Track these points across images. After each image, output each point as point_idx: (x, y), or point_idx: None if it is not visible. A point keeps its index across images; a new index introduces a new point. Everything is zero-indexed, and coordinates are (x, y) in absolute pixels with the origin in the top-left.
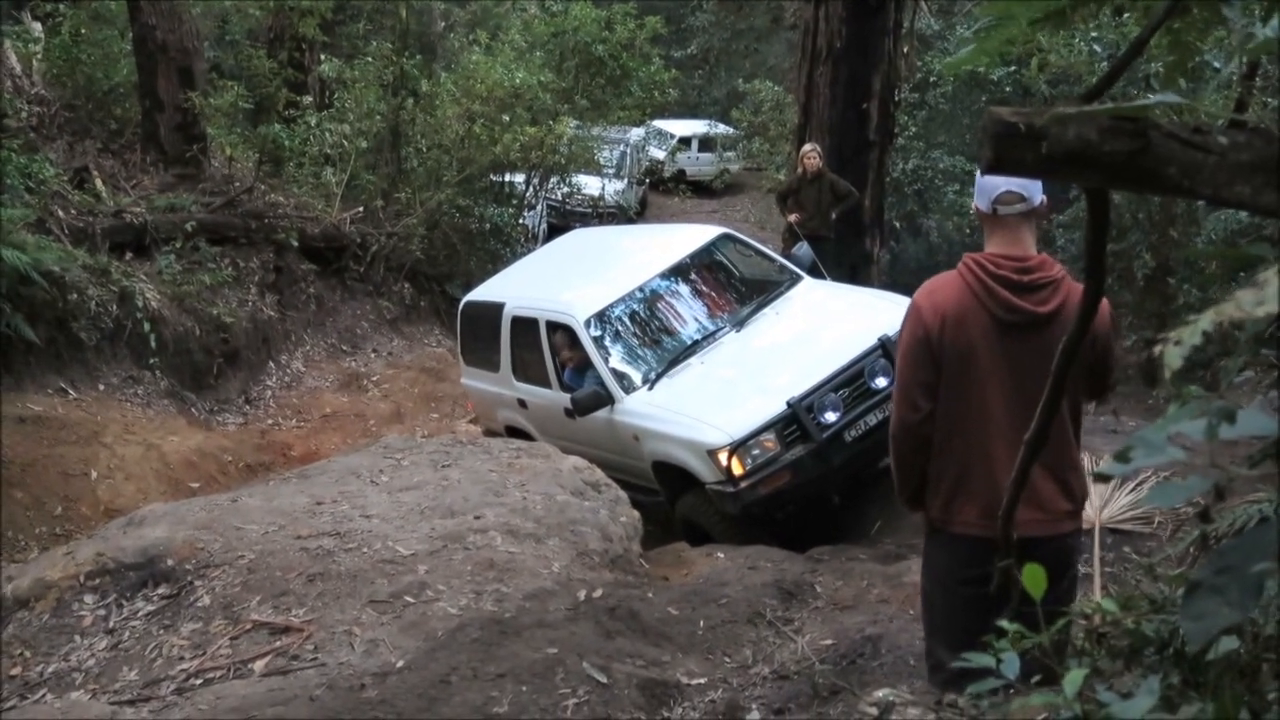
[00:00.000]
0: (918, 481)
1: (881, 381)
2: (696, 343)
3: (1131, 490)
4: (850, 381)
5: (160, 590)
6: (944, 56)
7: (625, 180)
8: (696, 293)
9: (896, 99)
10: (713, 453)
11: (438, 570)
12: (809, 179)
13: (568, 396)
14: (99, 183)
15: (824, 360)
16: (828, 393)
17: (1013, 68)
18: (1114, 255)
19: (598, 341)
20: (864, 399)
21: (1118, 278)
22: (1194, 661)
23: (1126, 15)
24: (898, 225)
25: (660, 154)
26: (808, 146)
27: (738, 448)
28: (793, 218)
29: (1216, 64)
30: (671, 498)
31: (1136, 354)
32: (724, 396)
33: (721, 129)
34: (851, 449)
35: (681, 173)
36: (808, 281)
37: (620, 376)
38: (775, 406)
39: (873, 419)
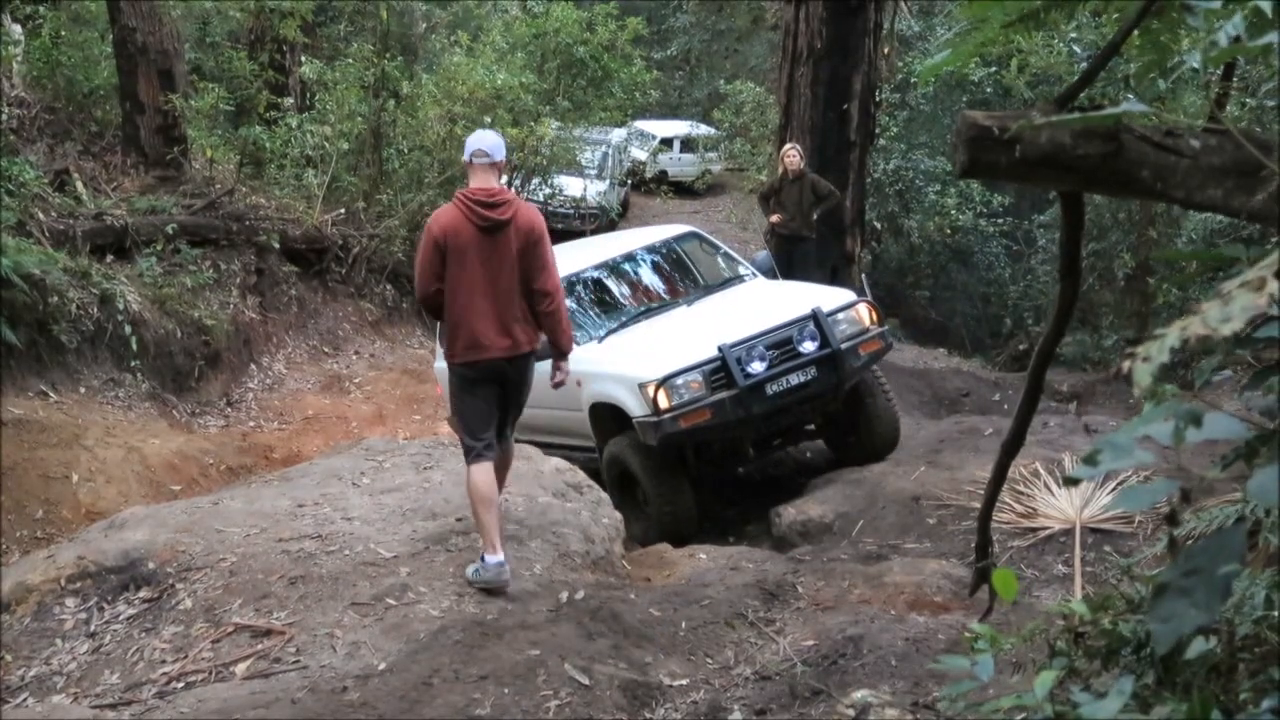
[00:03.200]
0: (431, 306)
1: (809, 346)
2: (649, 310)
3: (1112, 490)
4: (781, 344)
5: (141, 593)
6: (924, 57)
7: (607, 181)
8: (656, 275)
9: (877, 100)
10: (643, 386)
11: (419, 572)
12: (790, 179)
13: None
14: (79, 185)
15: (759, 321)
16: (757, 346)
17: (993, 69)
18: (1094, 255)
19: None
20: (791, 360)
21: (1098, 277)
22: (1169, 662)
23: (1103, 16)
24: (879, 226)
25: (642, 155)
26: (788, 146)
27: (665, 382)
28: (774, 218)
29: (1194, 64)
30: (602, 443)
31: (1117, 354)
32: (663, 345)
33: (703, 130)
34: (771, 402)
35: (663, 174)
36: (762, 279)
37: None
38: (707, 352)
39: (795, 379)
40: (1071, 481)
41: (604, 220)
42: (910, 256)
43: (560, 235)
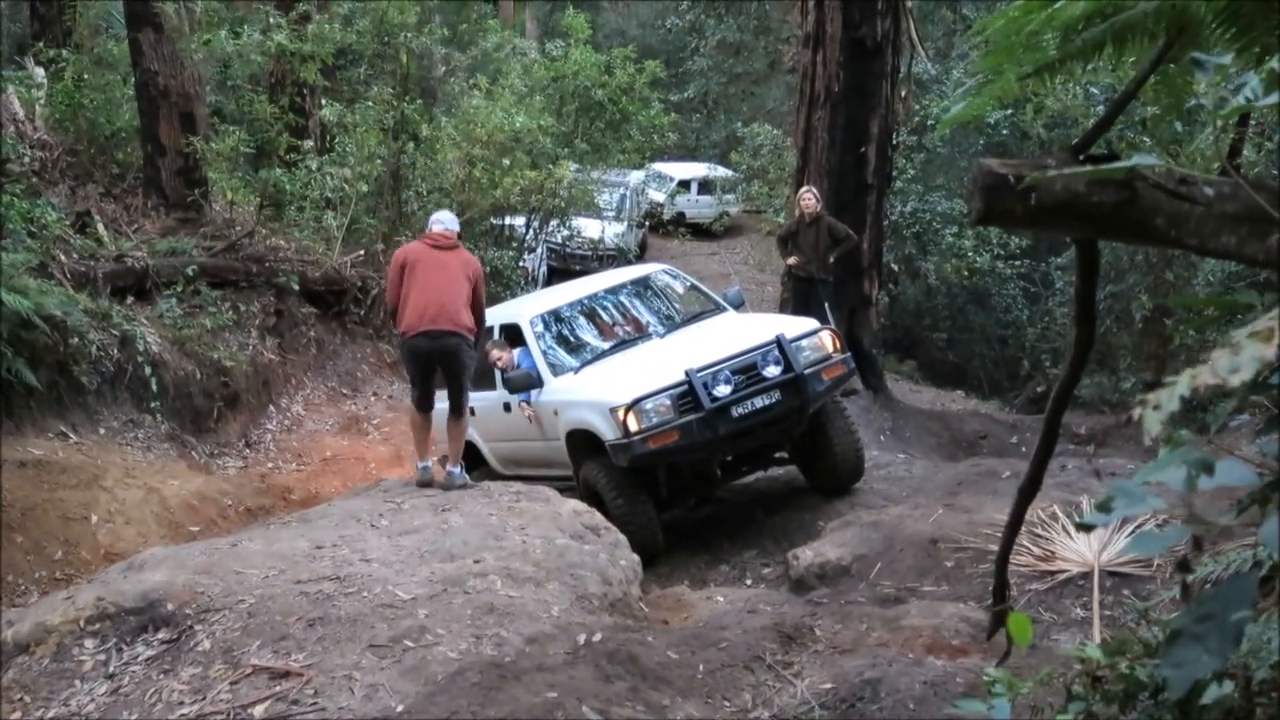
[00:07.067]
0: (396, 313)
1: (773, 370)
2: (624, 342)
3: (1130, 534)
4: (746, 369)
5: (160, 635)
6: (941, 100)
7: (625, 223)
8: (632, 309)
9: (894, 142)
10: (614, 410)
11: (437, 614)
12: (807, 222)
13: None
14: (101, 227)
15: (725, 348)
16: (723, 370)
17: (1009, 111)
18: (1112, 297)
19: (538, 336)
20: (755, 384)
21: (1116, 319)
22: (1186, 707)
23: (1120, 60)
24: (896, 268)
25: (660, 197)
26: (804, 189)
27: (634, 405)
28: (791, 261)
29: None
30: (578, 470)
31: (1135, 396)
32: (634, 373)
33: (721, 172)
34: (737, 423)
35: (681, 215)
36: (733, 312)
37: (552, 364)
38: (675, 377)
39: (760, 401)
40: (1085, 527)
41: (622, 262)
42: (928, 298)
43: (578, 278)
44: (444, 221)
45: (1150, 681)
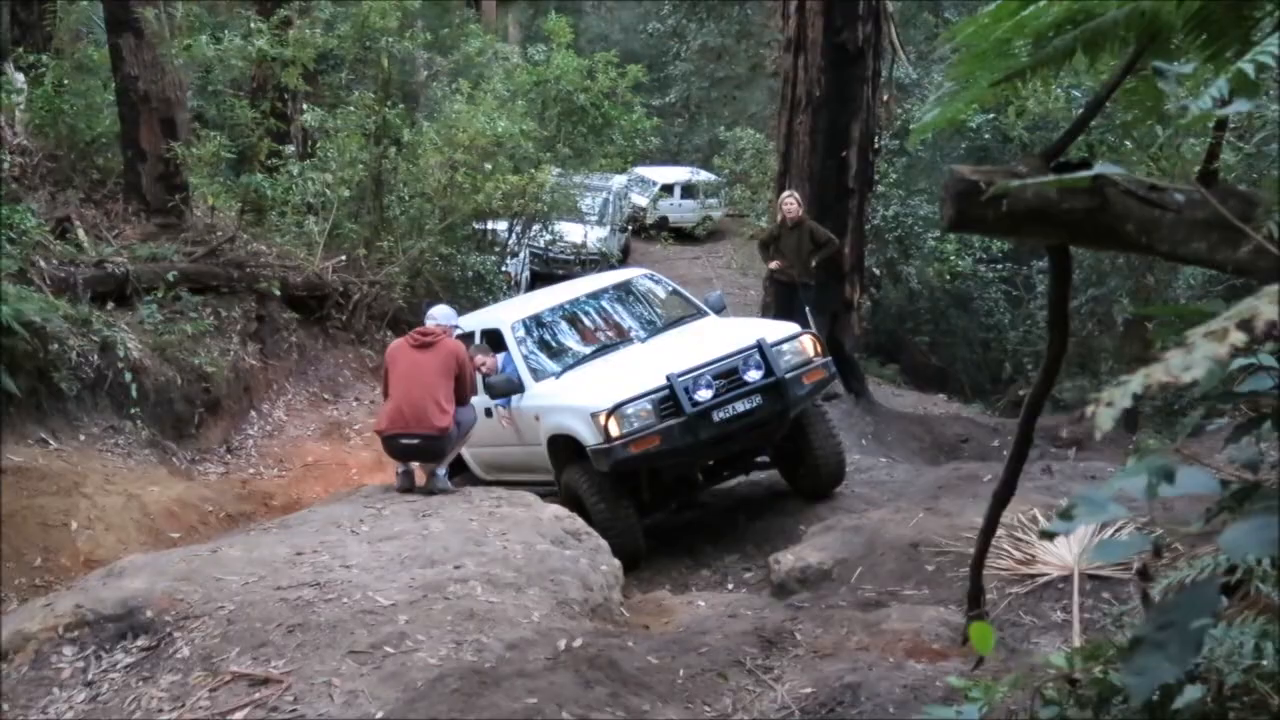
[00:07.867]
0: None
1: (754, 374)
2: (606, 347)
3: (1110, 537)
4: (728, 374)
5: (139, 642)
6: (922, 104)
7: (608, 227)
8: (613, 314)
9: (876, 146)
10: (595, 415)
11: (418, 620)
12: (789, 226)
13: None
14: (81, 233)
15: (706, 352)
16: (704, 375)
17: (991, 115)
18: (1093, 300)
19: (519, 341)
20: (736, 388)
21: (1097, 322)
22: (1159, 711)
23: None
24: (878, 272)
25: (643, 201)
26: (785, 194)
27: (615, 410)
28: (773, 265)
29: (1193, 108)
30: (560, 475)
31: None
32: (615, 377)
33: (703, 176)
34: (718, 428)
35: (664, 220)
36: (714, 316)
37: (533, 369)
38: (656, 382)
39: (741, 406)
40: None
41: (605, 266)
42: (910, 302)
43: (560, 282)
44: (435, 317)
45: (1124, 686)
